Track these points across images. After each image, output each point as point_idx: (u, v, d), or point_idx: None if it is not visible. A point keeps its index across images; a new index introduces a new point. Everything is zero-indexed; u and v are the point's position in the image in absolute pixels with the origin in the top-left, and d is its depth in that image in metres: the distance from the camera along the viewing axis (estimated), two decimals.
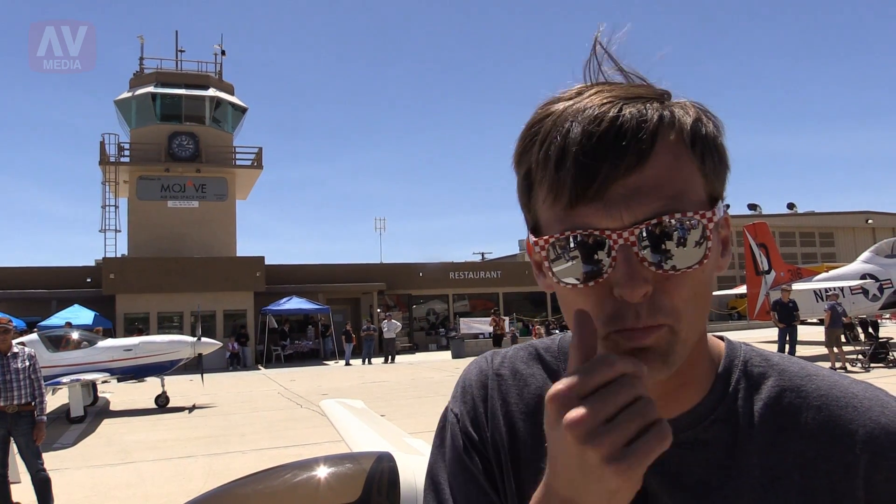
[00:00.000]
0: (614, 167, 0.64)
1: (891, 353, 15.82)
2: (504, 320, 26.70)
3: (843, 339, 16.37)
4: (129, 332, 22.83)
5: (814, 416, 0.73)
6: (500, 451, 0.84)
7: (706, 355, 0.79)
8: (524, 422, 0.84)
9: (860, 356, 15.82)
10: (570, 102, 0.69)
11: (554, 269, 0.69)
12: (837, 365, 14.98)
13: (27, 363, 6.51)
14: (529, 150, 0.71)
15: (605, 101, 0.67)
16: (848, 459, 0.70)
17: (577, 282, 0.67)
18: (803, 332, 18.22)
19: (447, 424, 0.90)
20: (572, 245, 0.67)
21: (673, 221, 0.65)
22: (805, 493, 0.70)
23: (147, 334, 20.08)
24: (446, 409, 0.93)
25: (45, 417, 6.53)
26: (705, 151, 0.69)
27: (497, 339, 25.55)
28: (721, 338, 0.83)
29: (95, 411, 13.93)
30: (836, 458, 0.70)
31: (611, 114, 0.66)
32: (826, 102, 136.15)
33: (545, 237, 0.69)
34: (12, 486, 6.63)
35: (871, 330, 21.26)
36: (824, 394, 0.74)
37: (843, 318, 15.97)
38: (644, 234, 0.65)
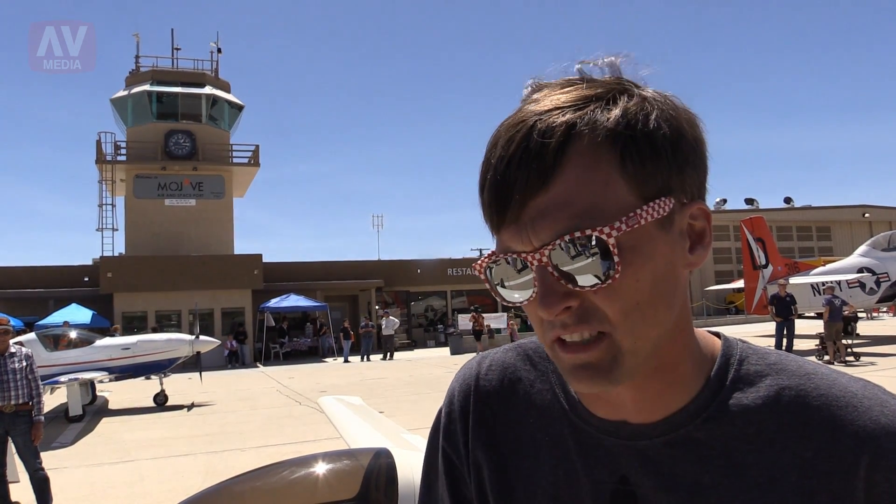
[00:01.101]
0: (521, 191, 0.66)
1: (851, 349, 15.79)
2: (483, 317, 27.05)
3: (842, 332, 16.38)
4: (140, 331, 22.84)
5: (813, 415, 0.71)
6: (481, 468, 0.86)
7: (692, 354, 0.77)
8: (511, 431, 0.85)
9: (849, 350, 15.83)
10: (515, 112, 0.71)
11: (498, 290, 0.72)
12: (842, 357, 15.00)
13: (24, 363, 6.51)
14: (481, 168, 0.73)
15: (529, 114, 0.68)
16: (848, 460, 0.68)
17: (515, 301, 0.71)
18: (800, 325, 18.25)
19: (438, 424, 0.94)
20: (502, 268, 0.70)
21: (570, 242, 0.64)
22: (803, 494, 0.68)
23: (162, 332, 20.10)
24: (440, 408, 0.94)
25: (42, 417, 6.53)
26: (629, 149, 0.66)
27: (477, 334, 26.04)
28: (717, 334, 0.81)
29: (94, 410, 13.93)
30: (836, 459, 0.69)
31: (521, 133, 0.67)
32: (823, 96, 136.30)
33: (479, 262, 0.73)
34: (11, 486, 6.64)
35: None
36: (824, 393, 0.72)
37: (845, 309, 15.91)
38: (553, 256, 0.66)
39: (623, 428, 0.76)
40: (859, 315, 20.74)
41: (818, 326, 16.94)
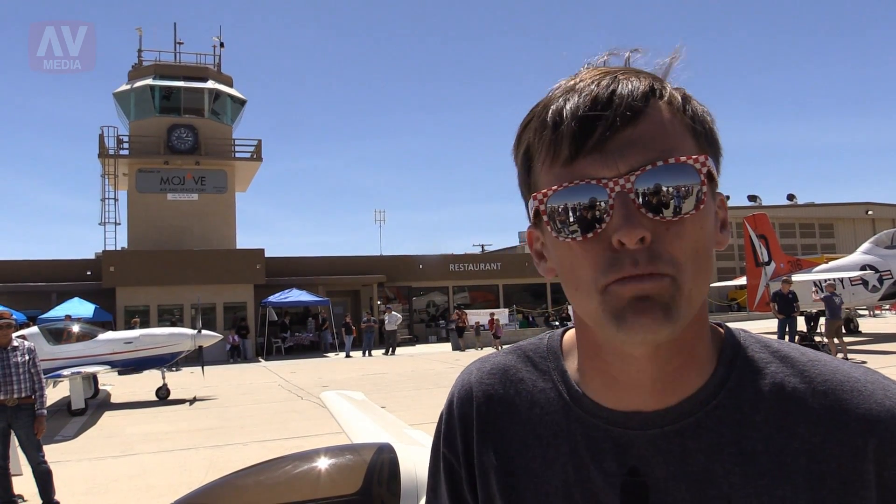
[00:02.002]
0: (610, 122, 0.69)
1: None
2: (465, 314, 27.36)
3: (843, 329, 16.40)
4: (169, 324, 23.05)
5: (819, 401, 0.72)
6: (488, 472, 0.85)
7: (707, 337, 0.79)
8: (516, 432, 0.85)
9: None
10: (565, 83, 0.74)
11: (554, 225, 0.72)
12: (839, 356, 15.01)
13: (27, 357, 6.52)
14: (527, 127, 0.76)
15: (598, 74, 0.73)
16: (856, 444, 0.70)
17: (577, 234, 0.70)
18: (803, 323, 18.23)
19: (438, 432, 0.95)
20: (571, 198, 0.70)
21: (667, 168, 0.68)
22: (813, 478, 0.70)
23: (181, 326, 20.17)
24: (441, 413, 0.95)
25: (45, 411, 6.55)
26: (696, 118, 0.74)
27: (460, 330, 26.30)
28: (720, 325, 0.83)
29: (96, 404, 13.95)
30: (844, 443, 0.70)
31: (604, 81, 0.72)
32: (826, 93, 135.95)
33: (543, 191, 0.72)
34: (14, 479, 6.65)
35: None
36: (828, 378, 0.74)
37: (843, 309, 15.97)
38: (640, 182, 0.68)
39: (633, 418, 0.76)
40: (860, 312, 20.74)
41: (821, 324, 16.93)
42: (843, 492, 0.69)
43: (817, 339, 16.15)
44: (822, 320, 16.74)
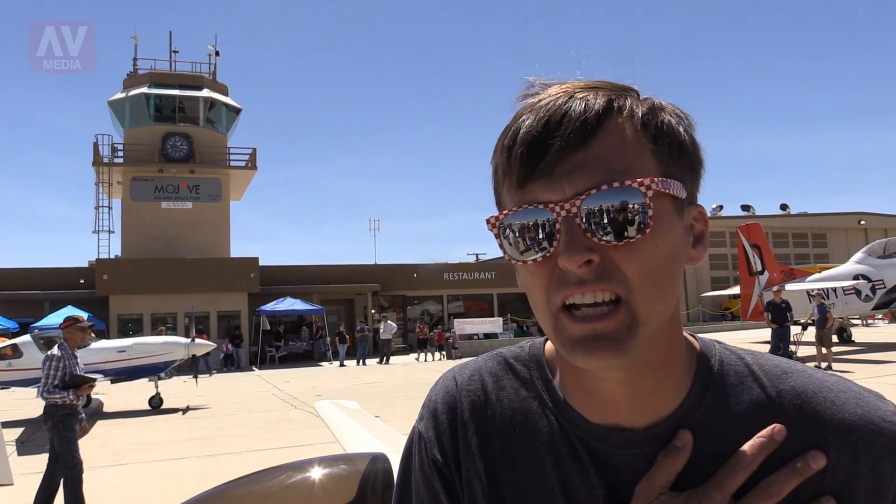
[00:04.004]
0: (559, 145, 0.68)
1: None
2: (426, 326, 27.92)
3: (833, 339, 16.50)
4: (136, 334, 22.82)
5: (794, 413, 0.73)
6: (473, 482, 0.82)
7: (681, 353, 0.78)
8: (500, 441, 0.83)
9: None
10: (531, 100, 0.74)
11: (506, 248, 0.72)
12: (823, 365, 15.08)
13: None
14: (496, 148, 0.76)
15: (558, 92, 0.72)
16: (832, 455, 0.70)
17: (527, 256, 0.71)
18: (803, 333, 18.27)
19: (414, 446, 0.90)
20: (521, 221, 0.70)
21: (612, 191, 0.67)
22: (793, 491, 0.70)
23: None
24: (414, 428, 0.91)
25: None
26: (658, 136, 0.71)
27: (422, 343, 26.96)
28: (694, 336, 0.82)
29: (89, 413, 13.82)
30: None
31: (560, 101, 0.71)
32: (819, 104, 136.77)
33: (495, 215, 0.73)
34: (4, 489, 6.59)
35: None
36: (801, 391, 0.74)
37: (829, 319, 16.14)
38: (586, 205, 0.67)
39: (614, 435, 0.76)
40: (853, 322, 20.82)
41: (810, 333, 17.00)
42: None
43: (792, 348, 16.28)
44: (811, 329, 16.84)
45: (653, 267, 0.68)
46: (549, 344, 0.88)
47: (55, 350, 6.85)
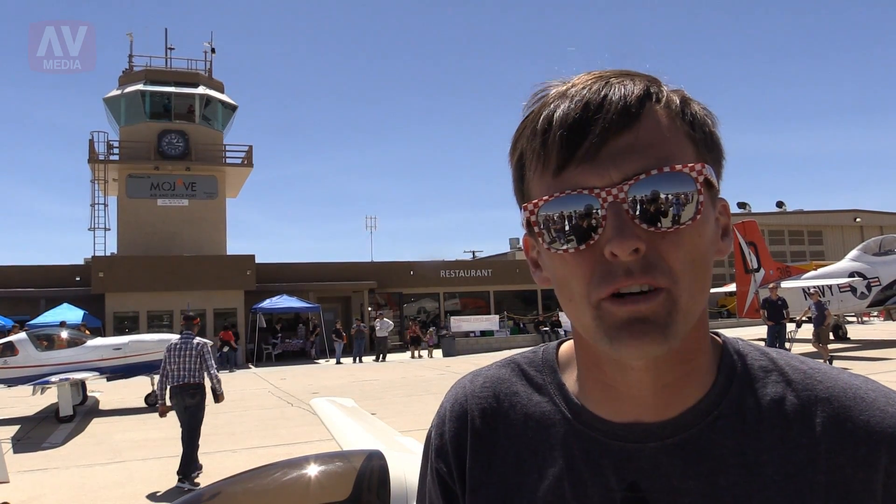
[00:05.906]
0: (603, 128, 0.66)
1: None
2: (417, 325, 27.97)
3: (830, 336, 16.55)
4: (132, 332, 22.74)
5: (823, 409, 0.71)
6: (479, 490, 0.82)
7: (707, 348, 0.77)
8: (512, 448, 0.82)
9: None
10: (559, 88, 0.72)
11: (545, 237, 0.70)
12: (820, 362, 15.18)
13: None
14: (521, 134, 0.74)
15: (590, 78, 0.71)
16: (862, 452, 0.68)
17: (569, 245, 0.68)
18: (800, 330, 18.32)
19: (427, 446, 0.91)
20: (563, 208, 0.68)
21: (662, 176, 0.66)
22: (820, 489, 0.68)
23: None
24: (430, 427, 0.92)
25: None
26: (694, 125, 0.71)
27: (415, 340, 27.03)
28: (717, 334, 0.81)
29: (85, 410, 13.84)
30: (850, 452, 0.69)
31: (596, 85, 0.69)
32: (815, 101, 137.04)
33: (534, 201, 0.70)
34: (0, 486, 6.58)
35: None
36: (830, 387, 0.73)
37: (826, 316, 16.18)
38: (633, 191, 0.65)
39: (633, 430, 0.74)
40: (849, 319, 20.89)
41: (806, 330, 17.06)
42: (849, 502, 0.68)
43: (787, 345, 16.36)
44: (806, 326, 16.93)
45: (694, 256, 0.67)
46: (562, 348, 0.87)
47: (202, 339, 8.25)
